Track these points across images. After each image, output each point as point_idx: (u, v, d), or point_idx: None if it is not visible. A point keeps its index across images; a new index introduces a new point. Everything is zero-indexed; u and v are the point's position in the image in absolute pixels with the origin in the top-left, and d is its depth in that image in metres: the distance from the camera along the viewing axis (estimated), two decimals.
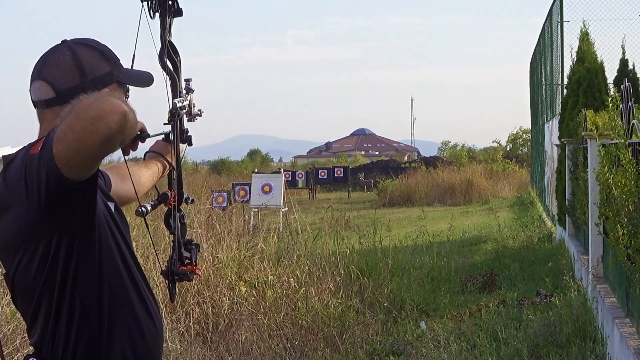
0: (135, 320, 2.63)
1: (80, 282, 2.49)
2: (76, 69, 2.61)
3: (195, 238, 3.27)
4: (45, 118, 2.62)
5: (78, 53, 2.63)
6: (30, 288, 2.50)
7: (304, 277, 9.17)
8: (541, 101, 23.34)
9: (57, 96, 2.59)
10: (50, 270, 2.46)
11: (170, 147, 3.11)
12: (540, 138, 23.15)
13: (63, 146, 2.23)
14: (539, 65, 24.34)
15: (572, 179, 12.10)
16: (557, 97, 17.12)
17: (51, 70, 2.61)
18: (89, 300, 2.51)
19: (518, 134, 54.06)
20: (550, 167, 18.50)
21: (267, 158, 67.71)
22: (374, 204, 28.80)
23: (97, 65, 2.65)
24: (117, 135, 2.23)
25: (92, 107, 2.20)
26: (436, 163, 41.06)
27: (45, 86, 2.60)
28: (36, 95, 2.62)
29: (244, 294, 8.55)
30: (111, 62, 2.70)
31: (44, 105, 2.61)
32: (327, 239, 11.01)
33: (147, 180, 3.16)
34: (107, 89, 2.65)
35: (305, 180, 35.31)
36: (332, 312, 8.56)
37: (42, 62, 2.64)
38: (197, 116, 3.15)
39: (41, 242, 2.44)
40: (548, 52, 20.02)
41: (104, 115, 2.19)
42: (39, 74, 2.63)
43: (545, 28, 20.77)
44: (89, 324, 2.51)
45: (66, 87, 2.59)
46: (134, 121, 2.29)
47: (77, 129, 2.20)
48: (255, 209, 20.02)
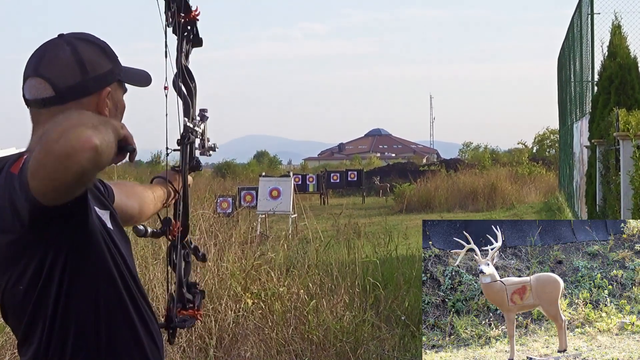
0: (135, 337, 2.62)
1: (74, 298, 2.47)
2: (77, 66, 2.56)
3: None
4: (41, 119, 2.56)
5: (78, 48, 2.59)
6: (22, 304, 2.49)
7: (314, 289, 9.16)
8: (570, 99, 23.29)
9: (56, 95, 2.54)
10: (43, 286, 2.45)
11: (178, 176, 3.09)
12: (569, 139, 23.09)
13: (37, 182, 2.17)
14: (567, 61, 24.29)
15: (603, 182, 12.06)
16: (587, 95, 17.08)
17: (49, 67, 2.55)
18: (84, 316, 2.50)
19: (545, 134, 54.02)
20: (579, 171, 18.45)
21: (275, 160, 67.80)
22: (390, 210, 28.76)
23: (99, 62, 2.62)
24: (92, 170, 2.17)
25: (60, 144, 2.10)
26: (457, 166, 41.04)
27: (43, 84, 2.54)
28: (32, 94, 2.57)
29: (250, 306, 8.54)
30: (112, 59, 2.67)
31: (40, 105, 2.56)
32: (340, 247, 11.00)
33: (150, 203, 3.12)
34: (109, 88, 2.62)
35: (317, 184, 35.29)
36: (345, 326, 8.54)
37: (39, 58, 2.59)
38: (211, 150, 3.13)
39: (33, 258, 2.42)
40: (577, 47, 19.98)
41: (73, 154, 2.10)
42: (35, 70, 2.57)
43: (574, 21, 20.72)
44: (85, 341, 2.50)
45: (66, 85, 2.55)
46: (108, 150, 2.22)
47: (48, 167, 2.12)
48: (263, 215, 20.04)
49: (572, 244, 4.74)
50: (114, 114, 2.66)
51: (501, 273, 4.44)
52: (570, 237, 4.75)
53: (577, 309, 4.51)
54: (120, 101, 2.71)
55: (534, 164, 40.80)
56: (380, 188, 40.33)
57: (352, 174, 38.60)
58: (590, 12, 16.59)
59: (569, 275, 4.61)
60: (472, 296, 4.51)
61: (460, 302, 4.52)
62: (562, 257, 4.67)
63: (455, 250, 4.42)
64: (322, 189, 35.60)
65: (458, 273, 4.55)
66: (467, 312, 4.51)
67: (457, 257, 4.44)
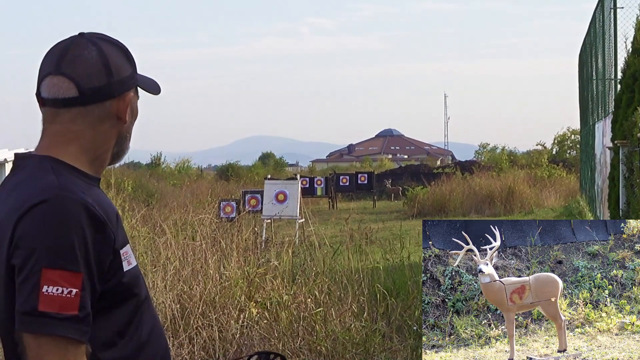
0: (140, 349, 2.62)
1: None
2: (103, 68, 2.57)
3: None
4: (58, 119, 2.56)
5: (104, 50, 2.60)
6: (5, 319, 2.49)
7: (322, 297, 9.16)
8: (591, 98, 23.27)
9: (80, 96, 2.54)
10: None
11: None
12: (591, 140, 23.07)
13: None
14: (589, 57, 24.27)
15: (627, 186, 12.04)
16: (610, 93, 17.05)
17: (74, 66, 2.55)
18: None
19: (565, 135, 54.02)
20: (601, 173, 18.42)
21: (281, 162, 67.89)
22: (403, 215, 28.76)
23: (122, 65, 2.63)
24: None
25: None
26: (473, 168, 41.03)
27: (66, 83, 2.54)
28: (52, 92, 2.56)
29: (254, 316, 8.55)
30: (132, 63, 2.68)
31: (59, 105, 2.55)
32: (348, 254, 11.00)
33: None
34: (131, 92, 2.64)
35: (325, 187, 35.32)
36: (354, 336, 8.54)
37: (60, 55, 2.57)
38: None
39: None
40: (599, 43, 19.96)
41: None
42: (57, 68, 2.55)
43: (596, 15, 20.71)
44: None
45: (92, 86, 2.55)
46: None
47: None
48: (268, 220, 20.04)
49: (572, 244, 4.87)
50: (131, 120, 2.69)
51: (501, 273, 4.56)
52: (570, 237, 4.86)
53: (577, 309, 4.64)
54: (136, 108, 2.73)
55: (553, 166, 40.76)
56: (392, 192, 40.34)
57: (363, 176, 38.59)
58: (613, 6, 16.56)
59: (569, 275, 4.73)
60: (472, 296, 4.65)
61: (460, 302, 4.65)
62: (562, 257, 4.80)
63: (454, 251, 4.53)
64: (331, 193, 35.62)
65: (458, 273, 4.68)
66: (467, 312, 4.64)
67: (456, 257, 4.54)
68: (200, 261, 9.27)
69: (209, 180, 42.70)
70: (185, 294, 8.67)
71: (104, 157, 2.64)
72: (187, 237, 10.22)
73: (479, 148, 67.43)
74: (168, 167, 51.44)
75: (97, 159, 2.61)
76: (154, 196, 27.29)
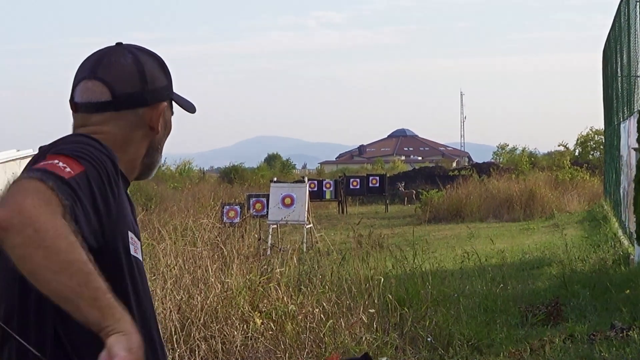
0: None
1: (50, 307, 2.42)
2: (138, 75, 2.70)
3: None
4: (88, 122, 2.67)
5: (140, 59, 2.73)
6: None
7: (331, 307, 9.16)
8: (617, 96, 23.22)
9: (113, 100, 2.66)
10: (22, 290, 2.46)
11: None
12: (615, 140, 23.02)
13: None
14: (613, 53, 24.23)
15: None
16: (636, 91, 17.02)
17: (109, 71, 2.68)
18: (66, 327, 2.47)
19: (589, 135, 53.93)
20: (627, 176, 18.39)
21: (288, 164, 67.92)
22: (417, 220, 28.76)
23: (157, 76, 2.76)
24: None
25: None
26: (490, 170, 40.95)
27: (101, 87, 2.66)
28: (86, 96, 2.68)
29: (259, 327, 8.56)
30: (168, 76, 2.81)
31: (92, 109, 2.67)
32: (358, 261, 10.99)
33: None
34: (165, 103, 2.76)
35: (334, 191, 35.33)
36: (365, 348, 8.54)
37: (97, 62, 2.71)
38: None
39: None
40: (624, 38, 19.92)
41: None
42: (92, 72, 2.68)
43: (621, 9, 20.67)
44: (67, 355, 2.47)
45: (125, 92, 2.67)
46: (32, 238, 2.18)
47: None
48: (274, 225, 20.06)
49: None
50: (164, 132, 2.80)
51: None
52: None
53: None
54: (170, 121, 2.85)
55: (576, 169, 40.70)
56: (405, 195, 40.33)
57: (374, 179, 38.59)
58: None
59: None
60: None
61: None
62: None
63: None
64: (341, 196, 35.61)
65: None
66: None
67: None
68: (201, 269, 9.28)
69: (212, 183, 42.74)
70: (185, 303, 8.67)
71: (134, 163, 2.74)
72: (188, 244, 10.22)
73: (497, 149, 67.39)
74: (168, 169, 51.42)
75: (127, 163, 2.69)
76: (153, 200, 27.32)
